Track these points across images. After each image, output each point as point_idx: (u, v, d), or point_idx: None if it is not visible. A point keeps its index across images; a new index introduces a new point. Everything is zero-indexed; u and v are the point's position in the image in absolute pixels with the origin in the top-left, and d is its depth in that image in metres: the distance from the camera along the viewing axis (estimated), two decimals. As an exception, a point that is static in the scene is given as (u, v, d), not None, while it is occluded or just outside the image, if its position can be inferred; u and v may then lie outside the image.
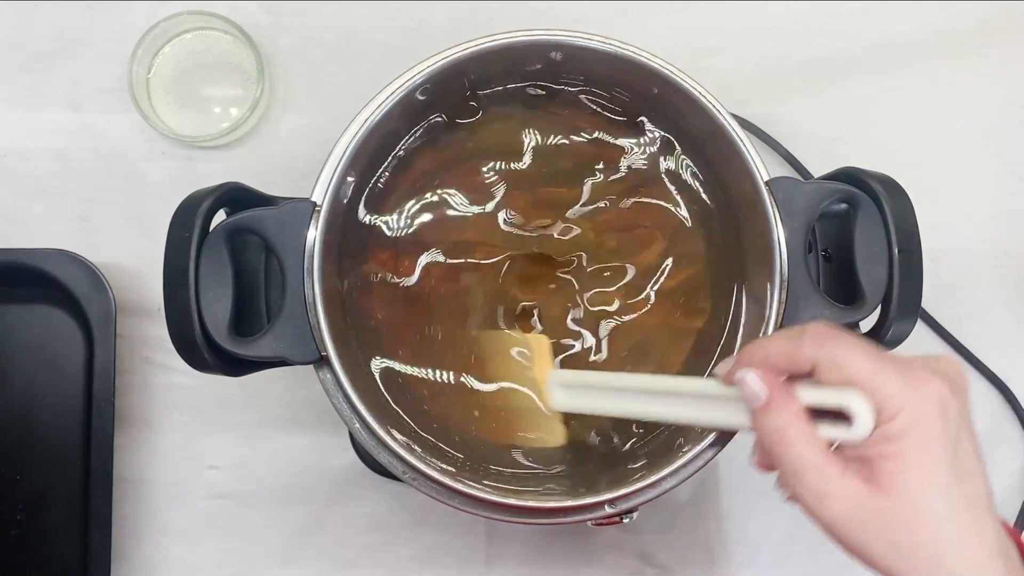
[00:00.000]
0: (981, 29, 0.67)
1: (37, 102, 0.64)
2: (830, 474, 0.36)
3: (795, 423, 0.36)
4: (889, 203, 0.45)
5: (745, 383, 0.37)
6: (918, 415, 0.35)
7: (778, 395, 0.37)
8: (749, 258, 0.49)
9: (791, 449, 0.36)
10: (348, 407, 0.45)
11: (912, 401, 0.35)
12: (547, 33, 0.47)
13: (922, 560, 0.35)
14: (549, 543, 0.62)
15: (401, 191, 0.51)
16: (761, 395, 0.37)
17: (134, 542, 0.61)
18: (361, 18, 0.65)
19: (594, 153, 0.52)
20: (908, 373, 0.35)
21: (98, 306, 0.58)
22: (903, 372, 0.35)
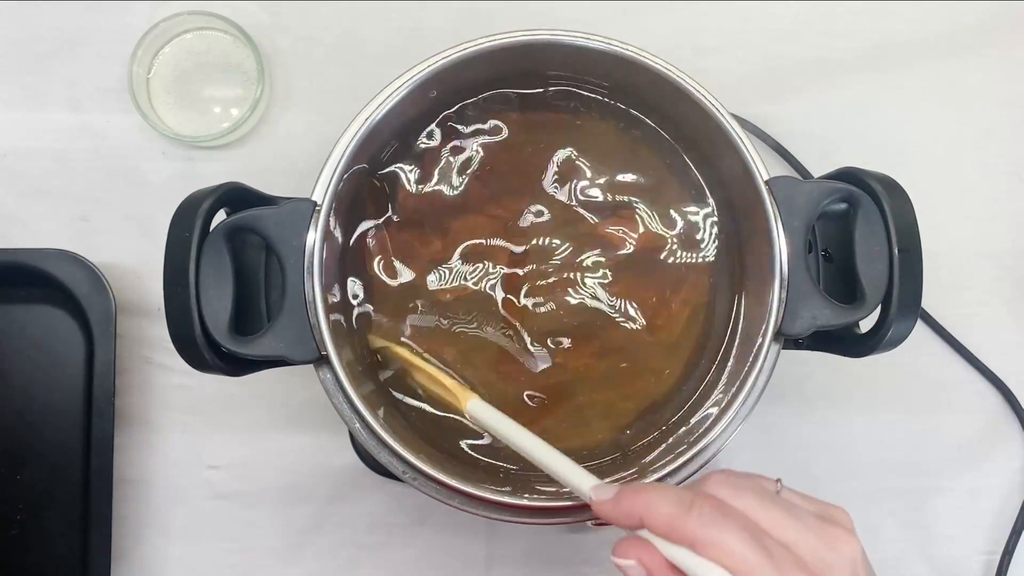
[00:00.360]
0: (981, 29, 0.67)
1: (37, 102, 0.64)
2: None
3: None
4: (889, 203, 0.45)
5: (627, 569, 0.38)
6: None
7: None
8: (749, 258, 0.49)
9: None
10: (348, 407, 0.45)
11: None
12: (547, 33, 0.47)
13: None
14: (549, 543, 0.62)
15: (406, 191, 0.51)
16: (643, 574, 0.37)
17: (134, 542, 0.61)
18: (361, 18, 0.65)
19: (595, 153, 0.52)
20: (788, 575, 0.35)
21: (98, 306, 0.58)
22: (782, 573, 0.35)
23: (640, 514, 0.37)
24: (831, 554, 0.37)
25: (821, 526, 0.38)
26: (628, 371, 0.51)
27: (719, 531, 0.35)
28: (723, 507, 0.36)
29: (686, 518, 0.36)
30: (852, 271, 0.46)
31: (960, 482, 0.63)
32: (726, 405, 0.45)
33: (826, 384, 0.63)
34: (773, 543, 0.36)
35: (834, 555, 0.37)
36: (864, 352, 0.47)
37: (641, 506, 0.37)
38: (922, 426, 0.63)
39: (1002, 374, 0.64)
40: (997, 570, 0.62)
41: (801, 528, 0.37)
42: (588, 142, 0.52)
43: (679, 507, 0.36)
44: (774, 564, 0.35)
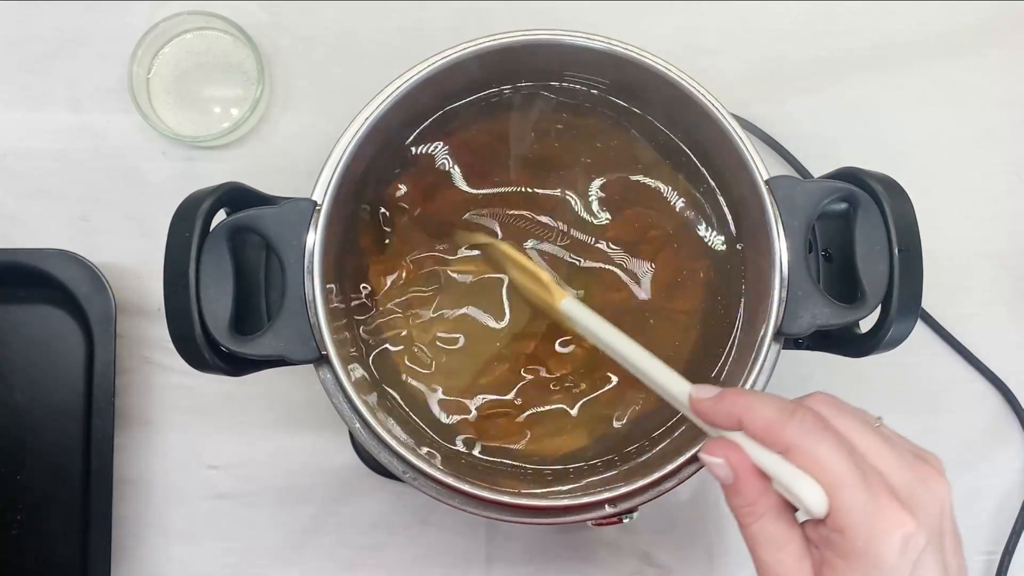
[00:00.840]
0: (981, 29, 0.67)
1: (37, 102, 0.64)
2: (783, 558, 0.36)
3: (760, 502, 0.37)
4: (889, 203, 0.45)
5: (713, 467, 0.38)
6: (870, 544, 0.35)
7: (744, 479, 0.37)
8: (749, 257, 0.49)
9: (752, 527, 0.37)
10: (348, 407, 0.45)
11: (867, 529, 0.35)
12: (548, 33, 0.47)
13: None
14: (549, 543, 0.62)
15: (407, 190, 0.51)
16: (727, 479, 0.37)
17: (134, 542, 0.61)
18: (361, 18, 0.65)
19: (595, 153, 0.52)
20: (876, 497, 0.35)
21: (98, 306, 0.58)
22: (873, 495, 0.35)
23: (740, 414, 0.37)
24: (922, 489, 0.36)
25: (916, 462, 0.37)
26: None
27: (816, 441, 0.35)
28: (824, 421, 0.36)
29: (786, 423, 0.36)
30: (852, 271, 0.46)
31: (960, 482, 0.63)
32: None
33: (826, 384, 0.62)
34: (868, 465, 0.36)
35: (925, 491, 0.36)
36: (864, 352, 0.47)
37: (742, 406, 0.37)
38: (922, 426, 0.62)
39: (1002, 374, 0.64)
40: (997, 570, 0.62)
41: (896, 459, 0.37)
42: (588, 142, 0.52)
43: (780, 412, 0.36)
44: (866, 484, 0.35)
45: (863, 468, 0.35)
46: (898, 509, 0.35)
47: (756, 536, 0.37)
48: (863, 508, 0.34)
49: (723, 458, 0.37)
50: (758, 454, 0.37)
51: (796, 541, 0.37)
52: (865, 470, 0.35)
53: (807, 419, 0.36)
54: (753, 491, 0.37)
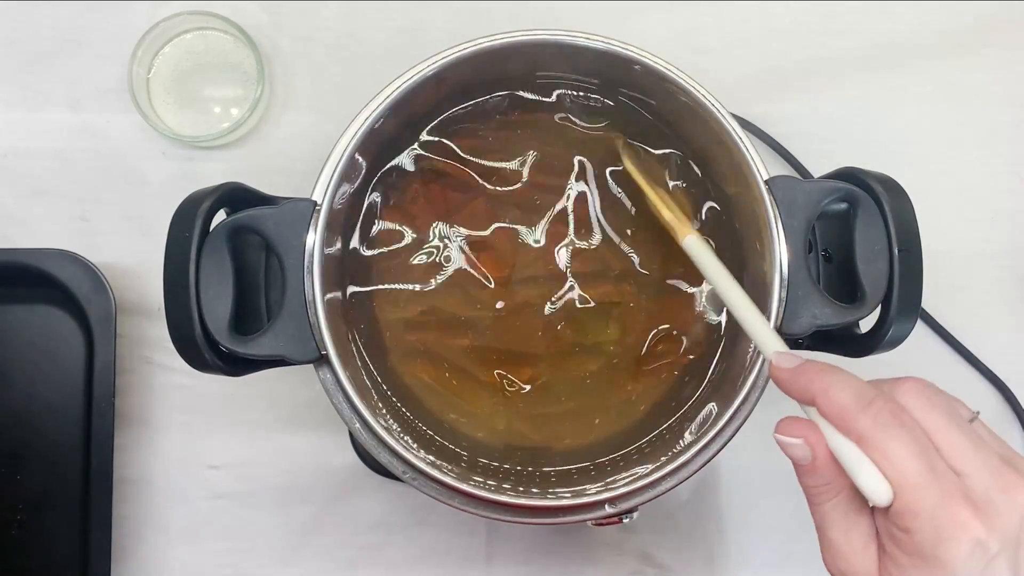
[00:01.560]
0: (981, 29, 0.67)
1: (37, 102, 0.64)
2: (852, 539, 0.36)
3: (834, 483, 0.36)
4: (889, 203, 0.45)
5: (790, 447, 0.37)
6: (937, 547, 0.34)
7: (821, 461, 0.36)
8: (749, 257, 0.49)
9: (823, 506, 0.37)
10: (348, 407, 0.45)
11: (933, 532, 0.34)
12: (547, 33, 0.47)
13: None
14: (549, 543, 0.62)
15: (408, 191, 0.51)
16: (805, 459, 0.37)
17: (134, 542, 0.61)
18: (361, 18, 0.65)
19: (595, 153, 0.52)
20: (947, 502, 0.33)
21: (98, 306, 0.58)
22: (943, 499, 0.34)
23: (816, 393, 0.36)
24: (1002, 497, 0.34)
25: (1001, 467, 0.35)
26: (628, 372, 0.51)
27: (888, 436, 0.34)
28: (901, 415, 0.35)
29: (861, 412, 0.35)
30: (852, 271, 0.46)
31: (960, 482, 0.63)
32: (726, 405, 0.45)
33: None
34: (942, 466, 0.34)
35: (1006, 500, 0.34)
36: (864, 352, 0.47)
37: (820, 386, 0.36)
38: (922, 426, 0.63)
39: (1002, 374, 0.64)
40: (997, 570, 0.62)
41: (980, 462, 0.35)
42: (588, 142, 0.52)
43: (858, 399, 0.35)
44: (937, 485, 0.34)
45: (937, 469, 0.34)
46: (970, 515, 0.33)
47: (826, 515, 0.37)
48: (931, 511, 0.33)
49: (801, 439, 0.36)
50: (831, 436, 0.36)
51: (864, 526, 0.36)
52: (938, 471, 0.34)
53: (883, 411, 0.35)
54: (828, 473, 0.36)
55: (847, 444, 0.35)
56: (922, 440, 0.35)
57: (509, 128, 0.52)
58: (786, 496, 0.62)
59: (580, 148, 0.52)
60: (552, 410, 0.50)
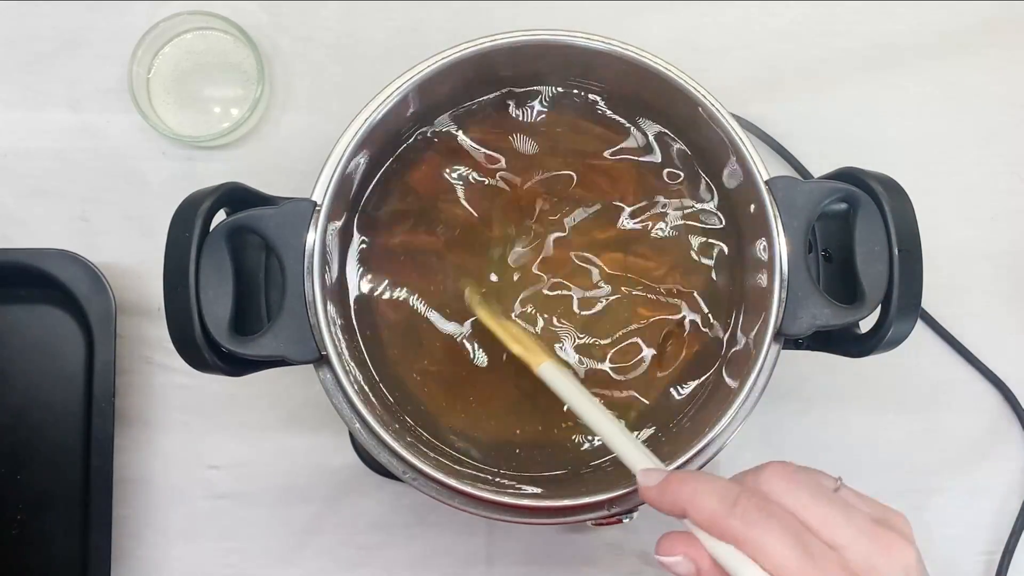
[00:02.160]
0: (981, 29, 0.67)
1: (37, 102, 0.64)
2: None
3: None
4: (889, 203, 0.45)
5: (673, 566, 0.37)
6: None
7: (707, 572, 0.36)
8: (749, 257, 0.49)
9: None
10: (348, 407, 0.45)
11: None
12: (547, 33, 0.47)
13: None
14: (549, 543, 0.62)
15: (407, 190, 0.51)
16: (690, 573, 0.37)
17: (134, 542, 0.61)
18: (361, 18, 0.65)
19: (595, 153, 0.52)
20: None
21: (98, 306, 0.58)
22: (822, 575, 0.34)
23: (684, 505, 0.37)
24: (882, 559, 0.35)
25: (875, 530, 0.36)
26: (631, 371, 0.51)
27: (761, 531, 0.34)
28: (768, 506, 0.35)
29: (728, 515, 0.35)
30: (852, 271, 0.46)
31: (960, 482, 0.63)
32: (726, 405, 0.45)
33: (826, 384, 0.63)
34: (819, 546, 0.35)
35: (886, 561, 0.35)
36: (864, 352, 0.47)
37: (685, 497, 0.37)
38: (922, 426, 0.63)
39: (1002, 374, 0.64)
40: (997, 570, 0.62)
41: (853, 530, 0.35)
42: (588, 142, 0.52)
43: (722, 503, 0.35)
44: (816, 567, 0.34)
45: (813, 551, 0.34)
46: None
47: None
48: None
49: (681, 555, 0.37)
50: (709, 544, 0.36)
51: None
52: (815, 553, 0.34)
53: (749, 508, 0.35)
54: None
55: (725, 549, 0.35)
56: (792, 526, 0.35)
57: (510, 129, 0.52)
58: (786, 496, 0.62)
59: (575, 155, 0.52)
60: (553, 411, 0.50)
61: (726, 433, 0.45)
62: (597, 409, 0.43)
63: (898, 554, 0.35)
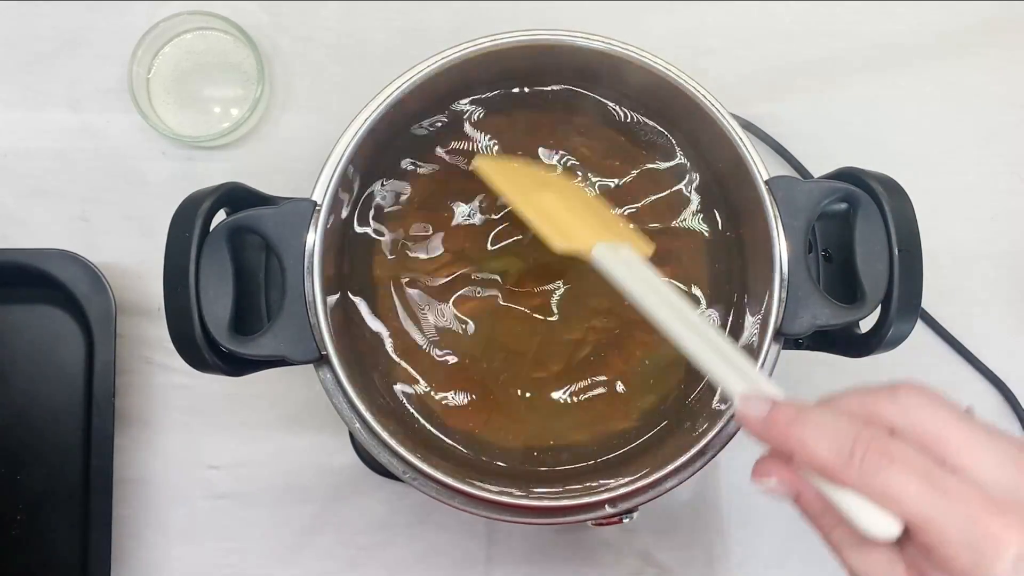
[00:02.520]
0: (981, 29, 0.67)
1: (37, 102, 0.64)
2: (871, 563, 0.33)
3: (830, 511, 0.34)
4: (889, 203, 0.45)
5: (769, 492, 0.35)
6: (980, 567, 0.31)
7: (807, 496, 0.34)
8: (749, 257, 0.49)
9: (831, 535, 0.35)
10: (348, 407, 0.45)
11: (970, 554, 0.31)
12: (548, 33, 0.47)
13: None
14: (549, 543, 0.62)
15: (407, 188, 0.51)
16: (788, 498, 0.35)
17: (134, 542, 0.61)
18: (361, 18, 0.65)
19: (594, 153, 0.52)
20: (974, 521, 0.31)
21: (98, 306, 0.58)
22: (968, 518, 0.31)
23: (792, 448, 0.33)
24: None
25: (1020, 457, 0.32)
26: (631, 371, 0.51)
27: (884, 479, 0.31)
28: (890, 450, 0.32)
29: (845, 468, 0.32)
30: (852, 271, 0.46)
31: (960, 482, 0.63)
32: (727, 406, 0.45)
33: (826, 384, 0.63)
34: (952, 480, 0.31)
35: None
36: (864, 352, 0.47)
37: (795, 443, 0.33)
38: (922, 426, 0.63)
39: (1002, 374, 0.64)
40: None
41: (998, 455, 0.32)
42: (588, 142, 0.52)
43: (837, 453, 0.32)
44: (957, 506, 0.31)
45: (950, 490, 0.31)
46: (1002, 526, 0.31)
47: (839, 543, 0.34)
48: (961, 534, 0.31)
49: (776, 478, 0.34)
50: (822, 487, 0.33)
51: (883, 550, 0.33)
52: (951, 491, 0.31)
53: (868, 457, 0.32)
54: (818, 505, 0.34)
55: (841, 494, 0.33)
56: (919, 465, 0.32)
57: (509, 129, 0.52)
58: (786, 496, 0.62)
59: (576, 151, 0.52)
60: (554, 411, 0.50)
61: (726, 433, 0.45)
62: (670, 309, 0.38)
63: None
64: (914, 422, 0.33)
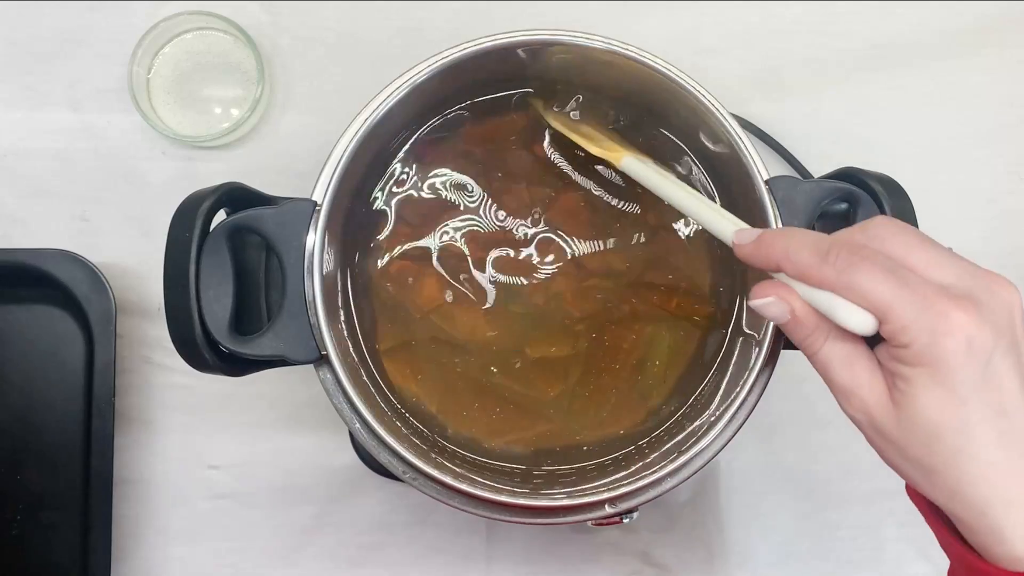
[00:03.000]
0: (981, 29, 0.67)
1: (37, 102, 0.64)
2: (856, 374, 0.36)
3: (820, 327, 0.37)
4: (889, 203, 0.45)
5: (765, 308, 0.38)
6: (934, 348, 0.34)
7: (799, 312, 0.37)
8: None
9: (819, 352, 0.37)
10: (348, 407, 0.45)
11: (926, 335, 0.34)
12: (548, 33, 0.47)
13: (939, 485, 0.36)
14: (549, 543, 0.62)
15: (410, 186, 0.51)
16: (784, 316, 0.38)
17: (134, 542, 0.61)
18: (361, 18, 0.65)
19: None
20: (930, 305, 0.34)
21: (98, 306, 0.58)
22: (924, 303, 0.34)
23: (779, 260, 0.38)
24: (987, 294, 0.35)
25: (980, 271, 0.36)
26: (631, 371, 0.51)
27: (853, 273, 0.35)
28: (861, 251, 0.36)
29: (822, 265, 0.36)
30: (852, 271, 0.46)
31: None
32: (726, 405, 0.45)
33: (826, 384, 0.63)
34: (916, 278, 0.35)
35: (991, 296, 0.35)
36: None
37: (780, 252, 0.38)
38: (922, 426, 0.63)
39: (1002, 374, 0.64)
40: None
41: (957, 269, 0.36)
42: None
43: (815, 254, 0.36)
44: (916, 294, 0.34)
45: (910, 281, 0.35)
46: (955, 308, 0.34)
47: (825, 360, 0.37)
48: (917, 317, 0.34)
49: (773, 296, 0.38)
50: (803, 289, 0.37)
51: (864, 358, 0.37)
52: (912, 282, 0.35)
53: (840, 255, 0.35)
54: (811, 320, 0.37)
55: (818, 292, 0.36)
56: (886, 263, 0.35)
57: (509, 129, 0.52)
58: (786, 496, 0.62)
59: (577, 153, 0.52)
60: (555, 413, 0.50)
61: (726, 433, 0.45)
62: (682, 190, 0.45)
63: (1002, 291, 0.36)
64: (883, 246, 0.36)
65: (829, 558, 0.62)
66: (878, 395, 0.36)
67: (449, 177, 0.52)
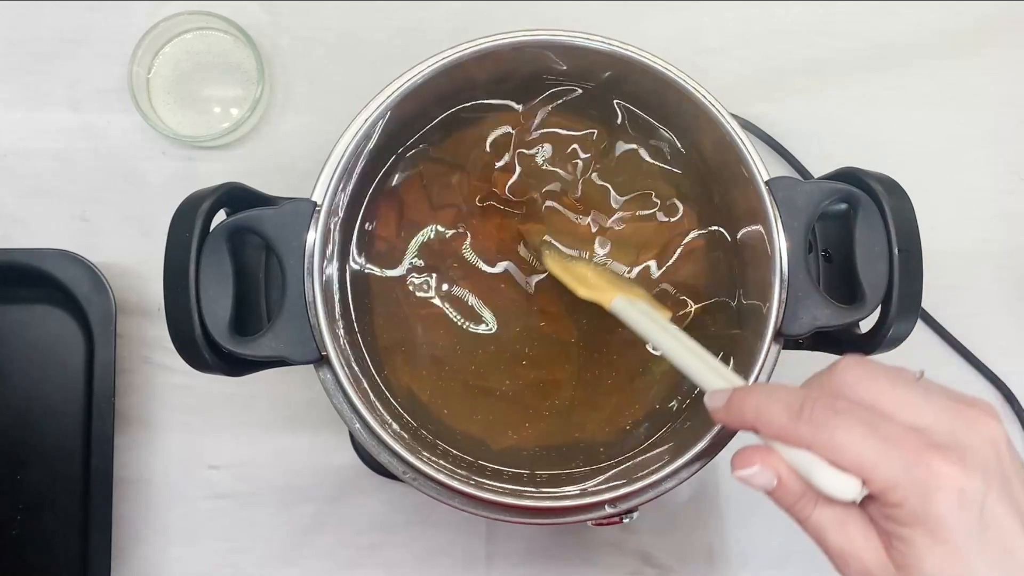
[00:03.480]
0: (981, 29, 0.67)
1: (37, 102, 0.64)
2: (851, 537, 0.35)
3: (808, 492, 0.35)
4: (889, 203, 0.45)
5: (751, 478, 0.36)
6: (927, 507, 0.33)
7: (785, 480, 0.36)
8: (749, 257, 0.49)
9: (810, 518, 0.36)
10: (348, 407, 0.45)
11: (917, 494, 0.33)
12: (548, 33, 0.47)
13: None
14: (549, 543, 0.62)
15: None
16: (771, 484, 0.36)
17: (134, 542, 0.61)
18: (361, 18, 0.65)
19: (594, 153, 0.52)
20: (915, 460, 0.33)
21: (98, 306, 0.58)
22: (908, 458, 0.33)
23: (752, 421, 0.36)
24: (969, 434, 0.34)
25: (957, 406, 0.35)
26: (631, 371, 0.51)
27: (830, 430, 0.34)
28: (835, 404, 0.34)
29: (796, 422, 0.35)
30: (852, 271, 0.46)
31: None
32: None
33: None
34: (895, 428, 0.34)
35: (972, 435, 0.34)
36: (864, 352, 0.47)
37: (751, 413, 0.36)
38: (922, 426, 0.63)
39: (1002, 374, 0.64)
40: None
41: (935, 408, 0.34)
42: (588, 142, 0.52)
43: (788, 411, 0.35)
44: (898, 450, 0.33)
45: (890, 436, 0.33)
46: (941, 460, 0.33)
47: (817, 525, 0.36)
48: (904, 476, 0.33)
49: (758, 464, 0.36)
50: (784, 451, 0.36)
51: (857, 520, 0.35)
52: (893, 437, 0.33)
53: (815, 412, 0.34)
54: (797, 485, 0.35)
55: (799, 453, 0.35)
56: (862, 416, 0.34)
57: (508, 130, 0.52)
58: (786, 496, 0.62)
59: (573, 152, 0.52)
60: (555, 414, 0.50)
61: (726, 433, 0.45)
62: (672, 338, 0.43)
63: (983, 427, 0.34)
64: (853, 392, 0.35)
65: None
66: (877, 556, 0.35)
67: (450, 177, 0.52)
